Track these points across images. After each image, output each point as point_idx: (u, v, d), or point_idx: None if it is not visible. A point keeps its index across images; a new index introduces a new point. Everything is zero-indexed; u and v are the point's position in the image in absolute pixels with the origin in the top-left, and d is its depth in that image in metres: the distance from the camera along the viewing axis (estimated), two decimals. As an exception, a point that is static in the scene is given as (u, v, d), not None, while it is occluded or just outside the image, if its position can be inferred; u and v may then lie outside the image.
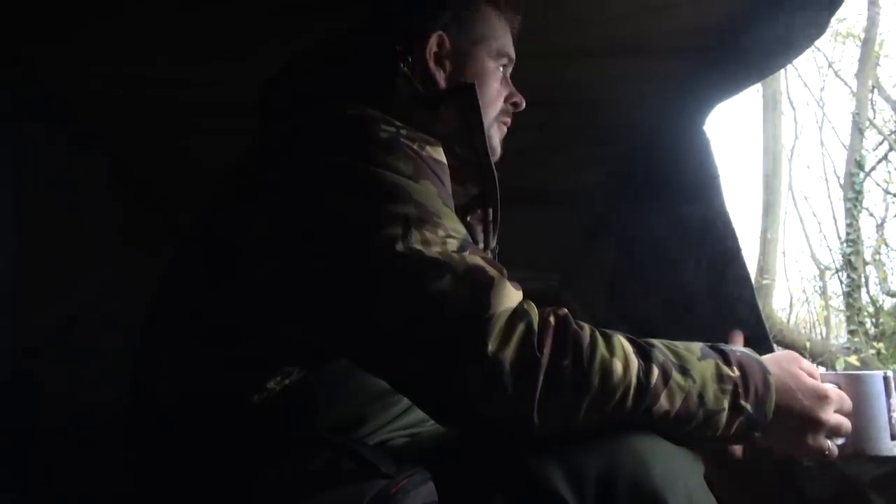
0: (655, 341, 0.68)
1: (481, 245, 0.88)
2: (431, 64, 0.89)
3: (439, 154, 0.75)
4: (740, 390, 0.68)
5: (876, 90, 7.34)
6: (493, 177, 0.86)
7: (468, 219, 0.86)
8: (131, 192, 1.86)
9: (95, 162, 1.68)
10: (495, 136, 0.94)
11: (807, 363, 0.76)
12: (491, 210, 0.88)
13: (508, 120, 0.97)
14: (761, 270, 6.09)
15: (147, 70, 1.38)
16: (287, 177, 0.72)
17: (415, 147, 0.72)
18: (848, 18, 7.66)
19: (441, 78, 0.90)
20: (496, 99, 0.93)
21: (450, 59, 0.91)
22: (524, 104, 0.96)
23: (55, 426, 1.35)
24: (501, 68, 0.95)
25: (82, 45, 1.29)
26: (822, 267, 8.41)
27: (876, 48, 6.77)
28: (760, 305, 1.38)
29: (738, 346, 0.74)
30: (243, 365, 0.72)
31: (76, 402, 1.41)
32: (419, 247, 0.64)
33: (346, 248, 0.66)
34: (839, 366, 5.06)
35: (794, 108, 8.61)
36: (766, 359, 0.74)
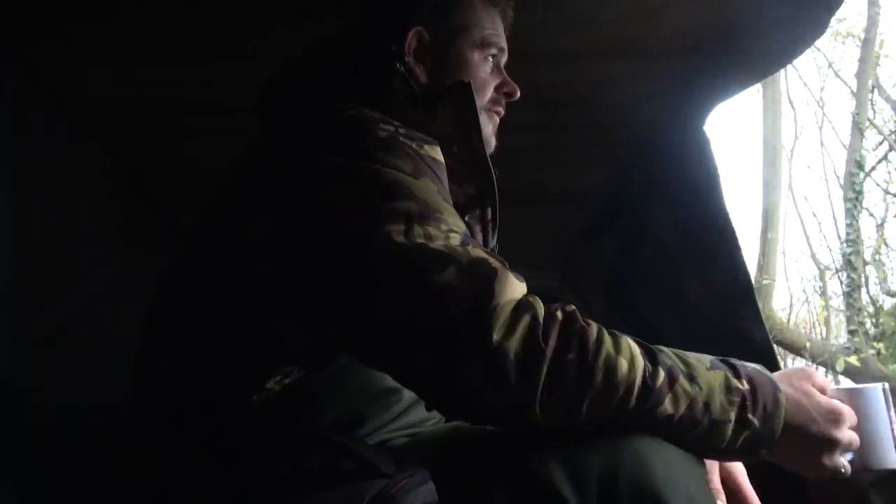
0: (665, 348, 0.68)
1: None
2: (411, 60, 0.88)
3: (437, 153, 0.75)
4: (748, 403, 0.67)
5: (876, 90, 7.33)
6: (491, 176, 0.85)
7: (466, 218, 0.85)
8: (131, 192, 1.86)
9: (95, 162, 1.68)
10: (486, 125, 0.91)
11: (819, 379, 0.74)
12: (490, 209, 0.88)
13: (501, 110, 0.95)
14: (761, 270, 6.08)
15: (147, 70, 1.38)
16: (287, 177, 0.73)
17: (413, 146, 0.72)
18: (848, 18, 7.65)
19: (421, 73, 0.89)
20: (482, 89, 0.91)
21: (430, 53, 0.90)
22: (518, 93, 0.95)
23: (55, 426, 1.35)
24: (491, 58, 0.93)
25: (82, 45, 1.29)
26: (822, 267, 8.40)
27: (876, 48, 6.76)
28: (760, 305, 1.38)
29: (749, 362, 0.73)
30: (243, 365, 0.72)
31: (76, 402, 1.41)
32: (422, 241, 0.65)
33: (349, 245, 0.66)
34: (839, 366, 5.06)
35: (794, 108, 8.56)
36: (778, 376, 0.72)
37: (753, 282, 1.80)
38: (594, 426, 0.64)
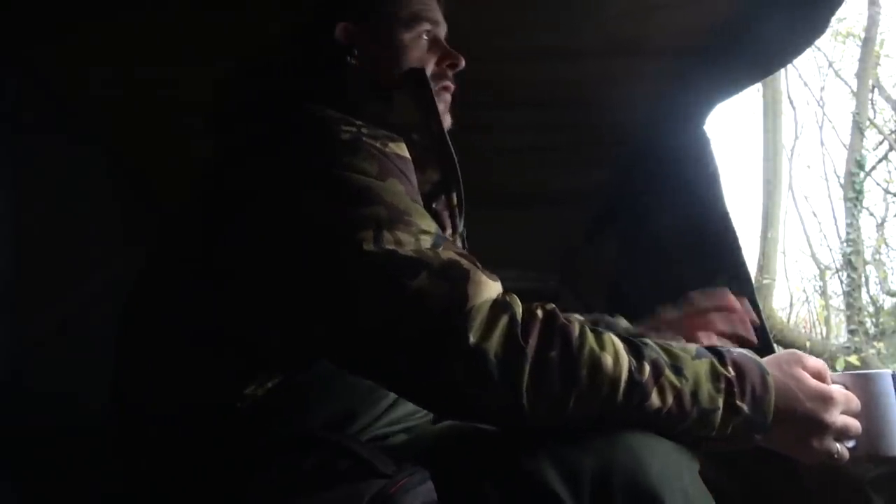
0: (649, 340, 0.68)
1: (449, 230, 0.86)
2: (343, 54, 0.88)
3: (402, 150, 0.75)
4: (736, 390, 0.67)
5: (876, 90, 7.34)
6: (453, 160, 0.84)
7: (433, 206, 0.84)
8: (131, 192, 1.86)
9: (95, 162, 1.68)
10: (438, 104, 0.88)
11: (812, 362, 0.73)
12: (455, 194, 0.86)
13: (449, 84, 0.93)
14: (761, 270, 6.08)
15: (147, 70, 1.38)
16: (256, 183, 0.72)
17: (377, 145, 0.72)
18: (848, 18, 7.66)
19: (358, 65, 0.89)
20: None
21: (360, 44, 0.89)
22: (463, 62, 0.93)
23: (55, 426, 1.35)
24: (425, 34, 0.91)
25: (82, 45, 1.29)
26: (822, 267, 8.41)
27: (876, 48, 6.76)
28: (760, 305, 1.37)
29: (736, 348, 0.73)
30: (231, 367, 0.72)
31: (76, 402, 1.41)
32: (392, 247, 0.64)
33: (321, 254, 0.66)
34: (839, 366, 5.06)
35: (794, 108, 8.58)
36: (767, 360, 0.72)
37: (753, 282, 1.80)
38: (584, 423, 0.64)
